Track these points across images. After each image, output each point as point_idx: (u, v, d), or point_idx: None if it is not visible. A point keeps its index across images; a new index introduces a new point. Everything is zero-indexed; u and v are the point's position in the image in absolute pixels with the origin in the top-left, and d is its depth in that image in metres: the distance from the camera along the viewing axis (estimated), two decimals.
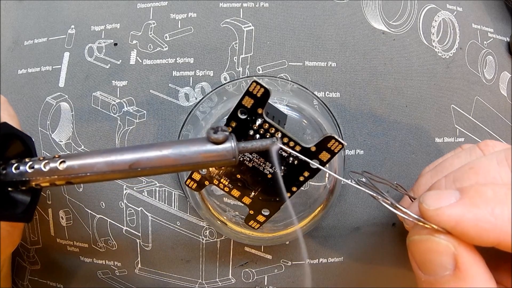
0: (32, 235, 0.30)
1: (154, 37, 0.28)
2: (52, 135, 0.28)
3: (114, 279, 0.29)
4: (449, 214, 0.16)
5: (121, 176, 0.17)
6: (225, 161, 0.17)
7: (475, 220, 0.16)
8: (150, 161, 0.17)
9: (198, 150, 0.17)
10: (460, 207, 0.16)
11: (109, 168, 0.17)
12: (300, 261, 0.28)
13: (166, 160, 0.17)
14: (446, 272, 0.16)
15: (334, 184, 0.26)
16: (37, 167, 0.17)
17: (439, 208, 0.16)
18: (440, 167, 0.22)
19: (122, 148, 0.17)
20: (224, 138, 0.17)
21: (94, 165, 0.17)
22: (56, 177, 0.17)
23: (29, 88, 0.29)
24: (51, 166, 0.17)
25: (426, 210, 0.17)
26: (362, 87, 0.28)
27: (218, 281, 0.29)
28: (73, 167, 0.17)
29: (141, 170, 0.17)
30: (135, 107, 0.27)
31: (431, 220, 0.17)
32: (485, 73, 0.30)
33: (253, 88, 0.18)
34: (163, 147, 0.17)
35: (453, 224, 0.16)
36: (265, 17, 0.28)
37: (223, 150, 0.17)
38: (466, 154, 0.21)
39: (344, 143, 0.19)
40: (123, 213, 0.28)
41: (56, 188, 0.28)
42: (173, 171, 0.17)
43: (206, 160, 0.17)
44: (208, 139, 0.17)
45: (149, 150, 0.17)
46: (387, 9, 0.28)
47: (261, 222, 0.23)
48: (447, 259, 0.16)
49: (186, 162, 0.17)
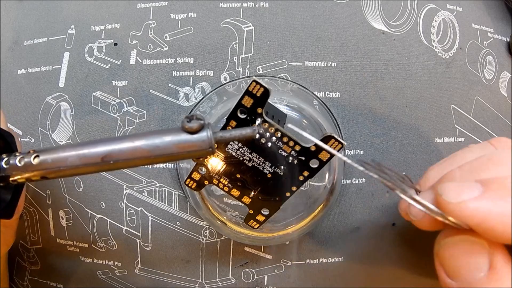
0: (32, 235, 0.30)
1: (154, 37, 0.28)
2: (52, 135, 0.28)
3: (114, 279, 0.29)
4: (474, 208, 0.15)
5: (95, 169, 0.17)
6: (201, 151, 0.17)
7: (502, 215, 0.14)
8: (122, 153, 0.16)
9: (172, 140, 0.16)
10: (485, 201, 0.15)
11: (82, 162, 0.16)
12: (300, 261, 0.28)
13: (139, 151, 0.16)
14: (481, 274, 0.15)
15: (334, 184, 0.26)
16: (12, 162, 0.17)
17: (462, 201, 0.15)
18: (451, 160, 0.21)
19: (95, 140, 0.17)
20: (198, 127, 0.16)
21: (67, 159, 0.16)
22: (30, 172, 0.17)
23: (29, 88, 0.29)
24: (26, 161, 0.17)
25: (446, 203, 0.15)
26: (362, 87, 0.28)
27: (218, 281, 0.29)
28: (47, 161, 0.17)
29: (114, 163, 0.16)
30: (135, 107, 0.27)
31: (453, 215, 0.15)
32: (485, 73, 0.30)
33: (252, 87, 0.18)
34: (135, 139, 0.17)
35: (478, 220, 0.15)
36: (265, 17, 0.28)
37: (198, 140, 0.17)
38: (478, 148, 0.20)
39: (343, 143, 0.19)
40: (123, 213, 0.28)
41: (56, 188, 0.28)
42: (148, 163, 0.17)
43: (181, 151, 0.17)
44: (182, 129, 0.17)
45: (121, 142, 0.17)
46: (387, 9, 0.28)
47: (261, 222, 0.23)
48: (483, 260, 0.15)
49: (160, 153, 0.16)
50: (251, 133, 0.18)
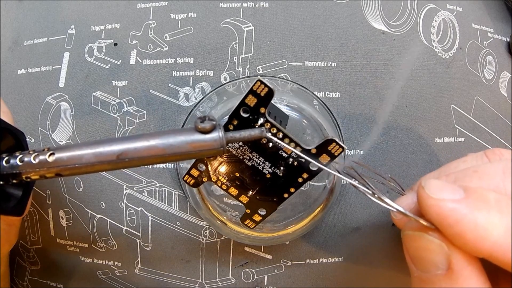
0: (32, 235, 0.30)
1: (154, 37, 0.28)
2: (52, 135, 0.28)
3: (114, 279, 0.29)
4: (452, 209, 0.15)
5: (109, 167, 0.17)
6: (213, 150, 0.17)
7: (475, 224, 0.15)
8: (137, 152, 0.17)
9: (186, 139, 0.17)
10: (463, 206, 0.15)
11: (97, 159, 0.17)
12: (300, 261, 0.28)
13: (153, 150, 0.17)
14: (438, 271, 0.16)
15: (334, 184, 0.26)
16: (26, 160, 0.17)
17: (443, 199, 0.15)
18: (445, 169, 0.21)
19: (110, 139, 0.17)
20: (211, 127, 0.17)
21: (82, 156, 0.17)
22: (45, 169, 0.17)
23: (29, 88, 0.29)
24: (41, 158, 0.17)
25: (427, 196, 0.16)
26: (362, 87, 0.28)
27: (218, 281, 0.29)
28: (62, 158, 0.17)
29: (129, 161, 0.17)
30: (135, 107, 0.27)
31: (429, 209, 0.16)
32: (485, 73, 0.30)
33: (257, 87, 0.18)
34: (150, 137, 0.17)
35: (451, 222, 0.15)
36: (265, 17, 0.28)
37: (210, 140, 0.17)
38: (473, 159, 0.21)
39: (344, 147, 0.19)
40: (123, 213, 0.28)
41: (56, 188, 0.28)
42: (161, 161, 0.17)
43: (194, 150, 0.17)
44: (196, 129, 0.17)
45: (136, 141, 0.17)
46: (387, 9, 0.28)
47: (257, 222, 0.23)
48: (440, 258, 0.16)
49: (173, 152, 0.17)
50: (260, 135, 0.18)
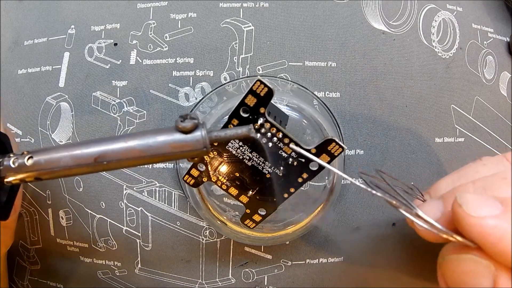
0: (32, 235, 0.30)
1: (154, 37, 0.28)
2: (52, 135, 0.28)
3: (114, 279, 0.29)
4: (493, 226, 0.14)
5: (88, 170, 0.17)
6: (195, 151, 0.17)
7: None
8: (115, 154, 0.16)
9: (166, 140, 0.16)
10: (504, 221, 0.14)
11: (75, 162, 0.16)
12: (300, 261, 0.28)
13: (132, 152, 0.16)
14: None
15: (334, 184, 0.26)
16: (6, 163, 0.17)
17: (484, 217, 0.14)
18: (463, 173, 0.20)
19: (89, 140, 0.17)
20: (192, 126, 0.16)
21: (60, 160, 0.16)
22: (24, 174, 0.17)
23: (29, 88, 0.29)
24: (19, 162, 0.17)
25: (467, 216, 0.14)
26: (362, 87, 0.28)
27: (218, 281, 0.29)
28: (40, 162, 0.16)
29: (108, 163, 0.16)
30: (135, 107, 0.27)
31: (471, 228, 0.14)
32: (485, 73, 0.30)
33: (256, 87, 0.18)
34: (129, 139, 0.16)
35: (495, 239, 0.14)
36: (265, 17, 0.28)
37: (192, 140, 0.16)
38: (493, 163, 0.19)
39: (344, 147, 0.19)
40: (123, 213, 0.28)
41: (56, 188, 0.28)
42: (142, 163, 0.17)
43: (175, 151, 0.16)
44: (176, 128, 0.16)
45: (114, 142, 0.16)
46: (387, 9, 0.28)
47: (257, 222, 0.23)
48: (486, 281, 0.14)
49: (153, 153, 0.16)
50: (247, 132, 0.18)
